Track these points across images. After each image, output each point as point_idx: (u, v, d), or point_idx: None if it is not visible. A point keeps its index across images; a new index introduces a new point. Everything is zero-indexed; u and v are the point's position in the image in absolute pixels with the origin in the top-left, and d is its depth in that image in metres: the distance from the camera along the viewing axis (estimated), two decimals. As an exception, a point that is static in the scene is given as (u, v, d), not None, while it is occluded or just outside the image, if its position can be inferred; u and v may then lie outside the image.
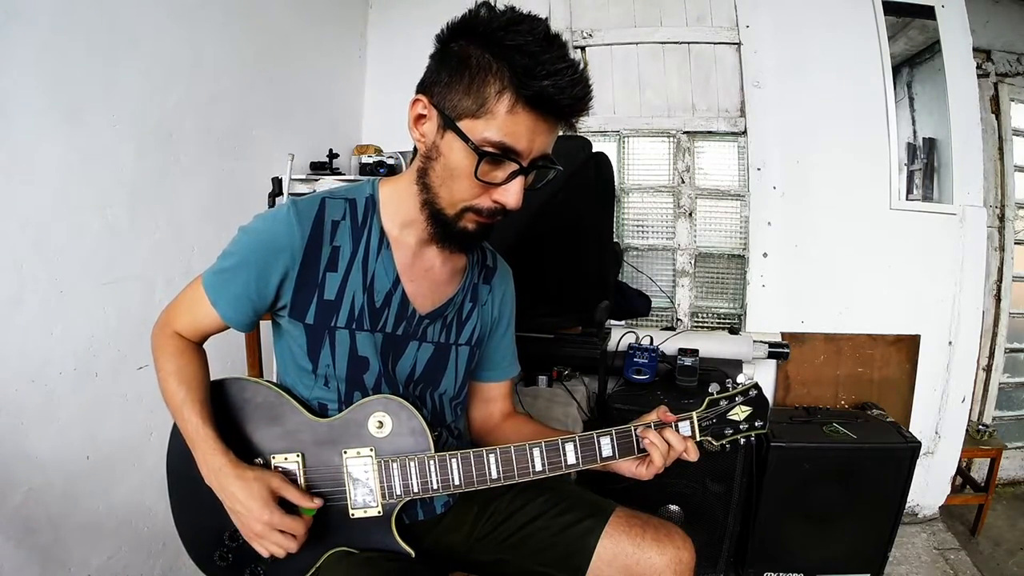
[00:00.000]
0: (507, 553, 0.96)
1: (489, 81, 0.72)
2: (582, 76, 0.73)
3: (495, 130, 0.73)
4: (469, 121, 0.74)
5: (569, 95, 0.72)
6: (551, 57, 0.70)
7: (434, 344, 0.94)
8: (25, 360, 1.18)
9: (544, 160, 0.79)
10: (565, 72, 0.71)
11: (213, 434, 0.82)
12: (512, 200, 0.78)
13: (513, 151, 0.75)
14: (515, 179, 0.77)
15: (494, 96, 0.72)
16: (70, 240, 1.25)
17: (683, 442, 0.86)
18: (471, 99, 0.73)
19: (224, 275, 0.86)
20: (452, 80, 0.75)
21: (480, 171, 0.75)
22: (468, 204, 0.80)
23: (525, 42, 0.70)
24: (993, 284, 2.41)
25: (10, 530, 1.16)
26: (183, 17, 1.50)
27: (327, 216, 0.85)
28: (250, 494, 0.79)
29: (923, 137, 2.30)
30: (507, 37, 0.71)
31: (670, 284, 2.33)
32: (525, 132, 0.74)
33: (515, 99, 0.72)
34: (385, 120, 2.43)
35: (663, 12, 2.28)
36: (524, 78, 0.70)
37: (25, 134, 1.15)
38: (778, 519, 1.76)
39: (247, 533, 0.81)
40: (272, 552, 0.80)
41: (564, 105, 0.73)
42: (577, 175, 1.74)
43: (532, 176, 0.81)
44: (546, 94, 0.71)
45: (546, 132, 0.76)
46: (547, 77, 0.70)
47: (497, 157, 0.75)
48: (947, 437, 2.17)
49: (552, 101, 0.72)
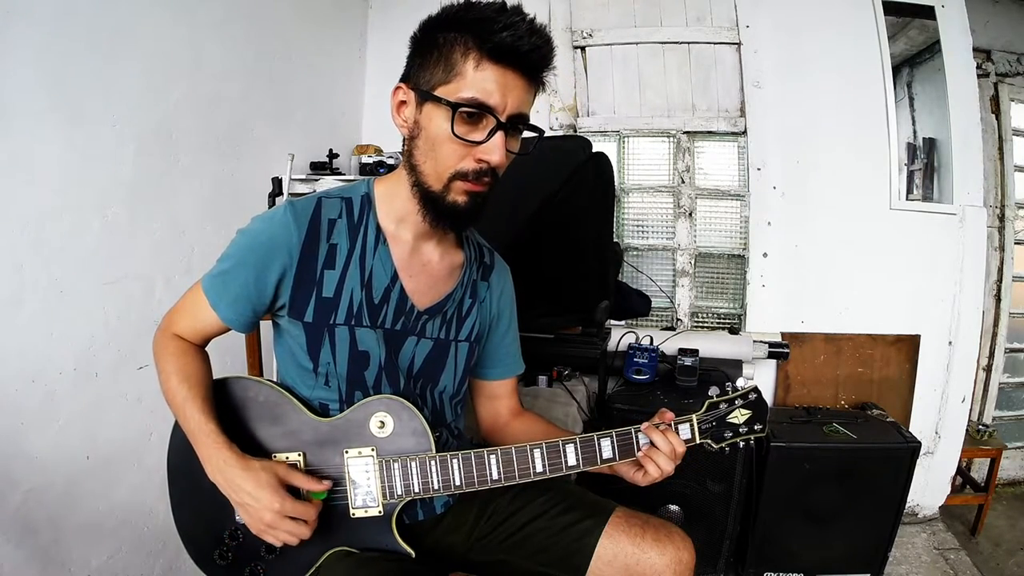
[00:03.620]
0: (507, 553, 0.96)
1: (455, 50, 0.77)
2: (540, 28, 0.77)
3: (467, 89, 0.76)
4: (443, 87, 0.78)
5: (528, 43, 0.75)
6: (507, 14, 0.75)
7: (433, 340, 0.95)
8: (25, 360, 1.18)
9: (522, 121, 0.81)
10: (520, 24, 0.75)
11: (216, 429, 0.82)
12: (495, 157, 0.79)
13: (486, 106, 0.77)
14: (495, 135, 0.78)
15: (460, 59, 0.76)
16: (70, 240, 1.25)
17: (681, 444, 0.87)
18: (441, 70, 0.78)
19: (223, 277, 0.86)
20: (424, 61, 0.80)
21: (459, 129, 0.77)
22: (454, 170, 0.80)
23: (481, 11, 0.76)
24: (993, 284, 2.41)
25: (10, 530, 1.16)
26: (183, 17, 1.50)
27: (323, 215, 0.87)
28: (258, 484, 0.78)
29: (923, 137, 2.30)
30: (467, 14, 0.77)
31: (670, 284, 2.33)
32: (496, 87, 0.76)
33: (480, 55, 0.76)
34: (385, 120, 2.37)
35: (663, 12, 2.28)
36: (484, 34, 0.75)
37: (25, 134, 1.15)
38: (778, 519, 1.76)
39: (257, 525, 0.80)
40: (285, 541, 0.80)
41: (524, 51, 0.76)
42: (577, 175, 1.74)
43: (517, 141, 0.83)
44: (506, 44, 0.75)
45: (519, 88, 0.78)
46: (504, 29, 0.74)
47: (473, 113, 0.77)
48: (947, 437, 2.17)
49: (513, 49, 0.75)
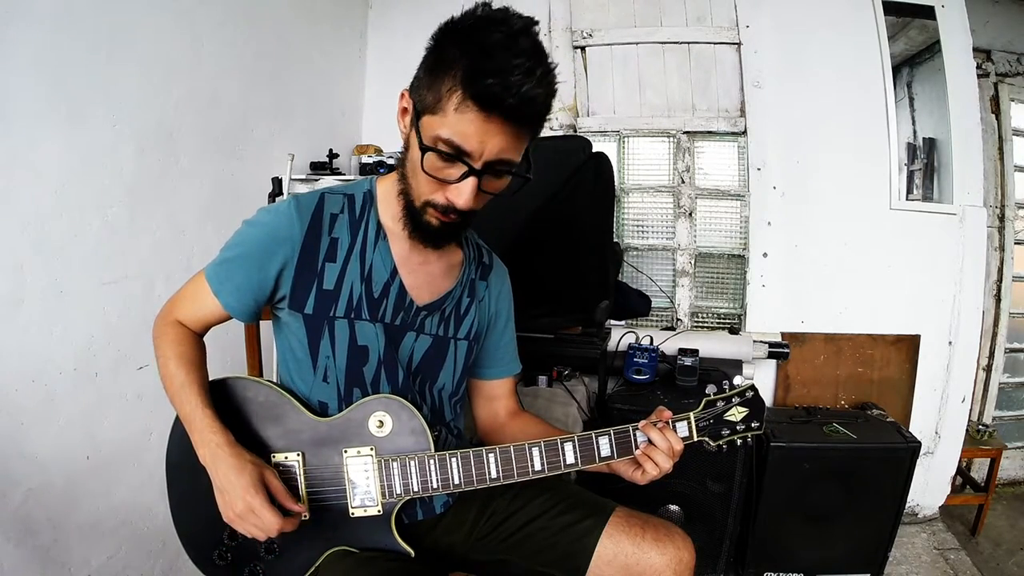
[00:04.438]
0: (507, 553, 0.96)
1: (446, 78, 0.72)
2: (539, 76, 0.70)
3: (446, 128, 0.73)
4: (429, 116, 0.75)
5: (518, 95, 0.69)
6: (506, 55, 0.68)
7: (432, 337, 0.95)
8: (25, 360, 1.18)
9: (504, 165, 0.77)
10: (515, 70, 0.68)
11: (212, 414, 0.82)
12: (460, 201, 0.77)
13: (462, 151, 0.73)
14: (466, 179, 0.76)
15: (446, 93, 0.72)
16: (70, 240, 1.25)
17: (679, 442, 0.87)
18: (432, 94, 0.74)
19: (226, 265, 0.87)
20: (425, 75, 0.76)
21: (431, 167, 0.76)
22: (426, 199, 0.81)
23: (488, 39, 0.69)
24: (993, 284, 2.41)
25: (10, 530, 1.16)
26: (183, 17, 1.50)
27: (326, 209, 0.88)
28: (241, 473, 0.78)
29: (923, 137, 2.30)
30: (475, 34, 0.70)
31: (670, 284, 2.33)
32: (474, 132, 0.72)
33: (463, 97, 0.71)
34: (385, 120, 2.43)
35: (663, 12, 2.28)
36: (471, 75, 0.69)
37: (25, 134, 1.15)
38: (778, 519, 1.76)
39: (227, 512, 0.80)
40: (251, 534, 0.79)
41: (509, 105, 0.69)
42: (577, 175, 1.74)
43: (501, 181, 0.79)
44: (490, 92, 0.69)
45: (502, 135, 0.73)
46: (494, 75, 0.68)
47: (447, 155, 0.74)
48: (947, 437, 2.16)
49: (496, 100, 0.69)
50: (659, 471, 0.87)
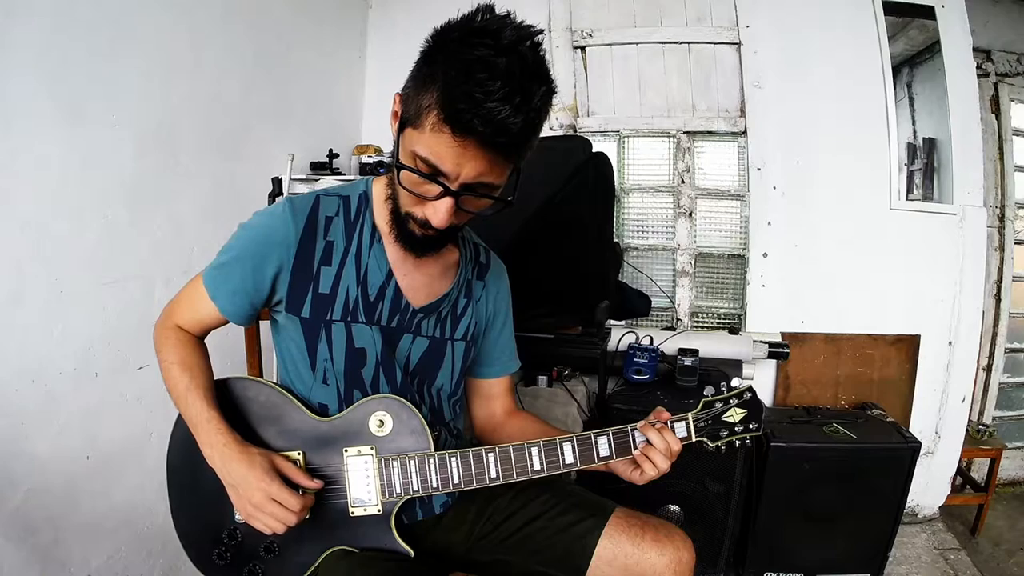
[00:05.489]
0: (507, 553, 0.96)
1: (426, 93, 0.69)
2: (517, 104, 0.65)
3: (422, 145, 0.71)
4: (410, 129, 0.73)
5: (487, 121, 0.65)
6: (483, 77, 0.64)
7: (429, 338, 0.95)
8: (25, 360, 1.18)
9: (484, 188, 0.74)
10: (491, 95, 0.64)
11: (218, 415, 0.83)
12: (435, 220, 0.76)
13: (438, 171, 0.72)
14: (442, 199, 0.74)
15: (425, 110, 0.69)
16: (70, 240, 1.25)
17: (677, 443, 0.87)
18: (414, 107, 0.72)
19: (222, 269, 0.88)
20: (412, 83, 0.73)
21: (409, 182, 0.75)
22: (406, 210, 0.80)
23: (470, 56, 0.65)
24: (993, 284, 2.41)
25: (10, 530, 1.16)
26: (183, 17, 1.50)
27: (321, 211, 0.88)
28: (251, 465, 0.79)
29: (923, 137, 2.30)
30: (460, 49, 0.67)
31: (670, 284, 2.33)
32: (450, 154, 0.69)
33: (439, 117, 0.68)
34: (385, 120, 2.37)
35: (663, 12, 2.28)
36: (447, 97, 0.66)
37: (25, 134, 1.15)
38: (778, 519, 1.76)
39: (244, 506, 0.80)
40: (269, 526, 0.79)
41: (481, 132, 0.66)
42: (577, 175, 1.74)
43: (484, 202, 0.77)
44: (463, 118, 0.66)
45: (480, 159, 0.70)
46: (466, 100, 0.65)
47: (423, 174, 0.72)
48: (947, 437, 2.17)
49: (468, 127, 0.66)
50: (657, 471, 0.87)
